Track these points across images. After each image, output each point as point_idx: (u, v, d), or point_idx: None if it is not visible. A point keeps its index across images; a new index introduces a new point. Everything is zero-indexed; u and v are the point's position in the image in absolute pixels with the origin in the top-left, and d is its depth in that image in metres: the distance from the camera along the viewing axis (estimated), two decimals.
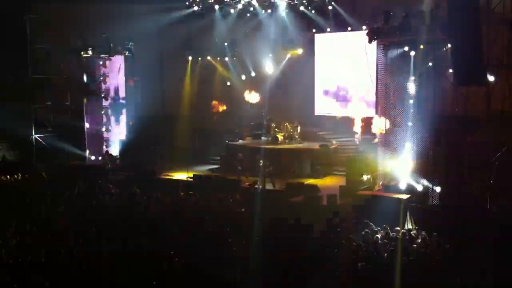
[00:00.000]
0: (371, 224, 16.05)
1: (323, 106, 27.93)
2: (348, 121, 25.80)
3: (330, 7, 26.12)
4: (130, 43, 27.08)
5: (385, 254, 12.99)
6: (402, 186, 19.35)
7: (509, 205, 17.00)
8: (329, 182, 22.35)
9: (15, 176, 22.32)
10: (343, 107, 27.34)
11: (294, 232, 14.85)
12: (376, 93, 21.44)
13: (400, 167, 19.47)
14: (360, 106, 26.45)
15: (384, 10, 20.48)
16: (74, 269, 12.13)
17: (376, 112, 21.46)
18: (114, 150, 27.25)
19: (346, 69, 26.87)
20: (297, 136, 25.95)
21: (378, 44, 20.85)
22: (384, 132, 20.61)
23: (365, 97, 26.22)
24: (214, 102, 29.55)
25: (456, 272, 12.01)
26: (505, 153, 16.98)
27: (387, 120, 20.49)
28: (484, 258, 12.73)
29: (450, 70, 17.87)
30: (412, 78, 18.97)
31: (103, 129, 27.29)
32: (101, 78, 26.98)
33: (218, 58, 29.67)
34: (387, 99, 20.64)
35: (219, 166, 25.83)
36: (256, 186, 21.18)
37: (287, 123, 26.23)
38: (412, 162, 19.07)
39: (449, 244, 13.88)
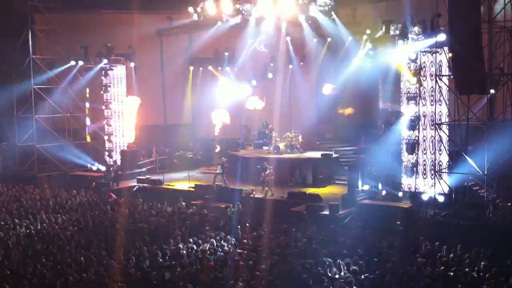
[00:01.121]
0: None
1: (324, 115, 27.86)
2: None
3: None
4: (132, 52, 27.07)
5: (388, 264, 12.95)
6: (405, 195, 19.34)
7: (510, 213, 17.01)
8: (330, 191, 22.25)
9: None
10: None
11: None
12: (379, 101, 21.49)
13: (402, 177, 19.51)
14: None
15: (385, 20, 20.58)
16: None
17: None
18: (117, 159, 27.15)
19: (346, 78, 26.82)
20: (298, 145, 25.88)
21: (379, 53, 20.92)
22: None
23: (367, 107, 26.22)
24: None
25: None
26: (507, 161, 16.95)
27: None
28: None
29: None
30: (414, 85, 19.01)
31: (106, 139, 27.23)
32: (103, 88, 26.94)
33: (219, 68, 29.70)
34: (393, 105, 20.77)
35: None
36: (251, 194, 21.24)
37: (288, 133, 26.17)
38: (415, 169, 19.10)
39: (452, 253, 13.86)
